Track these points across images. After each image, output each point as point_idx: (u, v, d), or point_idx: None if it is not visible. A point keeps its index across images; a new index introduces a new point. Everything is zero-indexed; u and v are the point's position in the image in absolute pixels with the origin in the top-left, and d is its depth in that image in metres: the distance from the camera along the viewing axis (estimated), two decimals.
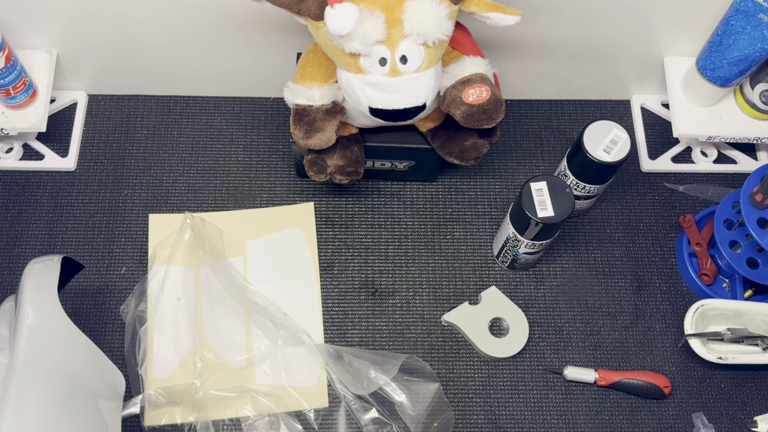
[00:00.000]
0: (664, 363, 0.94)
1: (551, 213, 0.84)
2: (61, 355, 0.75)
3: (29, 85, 0.95)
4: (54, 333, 0.76)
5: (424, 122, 0.91)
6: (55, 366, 0.74)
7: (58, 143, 1.02)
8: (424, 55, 0.77)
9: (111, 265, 0.96)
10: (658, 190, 1.03)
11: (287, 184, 1.01)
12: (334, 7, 0.73)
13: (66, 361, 0.75)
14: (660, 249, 1.00)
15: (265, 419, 0.88)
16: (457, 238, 0.99)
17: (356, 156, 0.91)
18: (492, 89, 0.82)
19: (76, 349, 0.77)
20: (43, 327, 0.75)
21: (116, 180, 1.01)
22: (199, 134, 1.04)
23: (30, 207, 0.99)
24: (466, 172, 1.03)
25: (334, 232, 0.99)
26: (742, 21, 0.88)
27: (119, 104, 1.05)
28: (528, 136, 1.06)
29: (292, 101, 0.85)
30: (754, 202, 0.88)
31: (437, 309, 0.96)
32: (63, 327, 0.76)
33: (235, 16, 0.92)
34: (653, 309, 0.97)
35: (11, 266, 0.95)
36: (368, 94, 0.80)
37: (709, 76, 0.95)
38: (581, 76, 1.04)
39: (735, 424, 0.91)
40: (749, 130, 0.98)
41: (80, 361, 0.77)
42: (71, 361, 0.76)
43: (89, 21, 0.93)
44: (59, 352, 0.75)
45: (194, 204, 1.00)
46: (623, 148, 0.86)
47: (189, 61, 1.00)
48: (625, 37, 0.97)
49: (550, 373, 0.93)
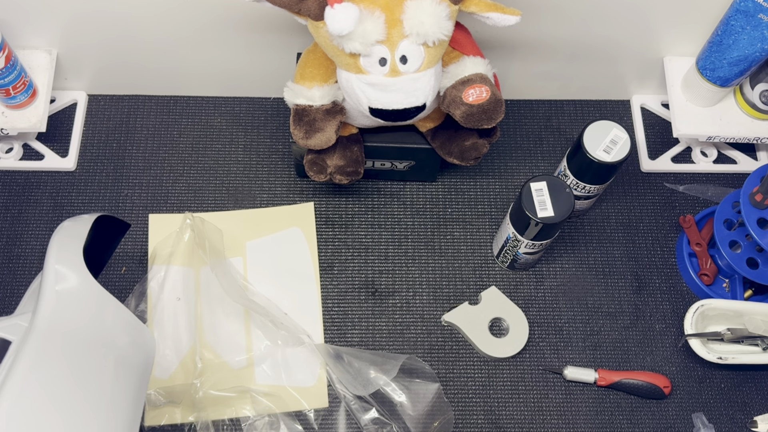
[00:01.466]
0: (664, 363, 0.94)
1: (551, 213, 0.84)
2: (88, 318, 0.69)
3: (29, 85, 0.95)
4: (79, 294, 0.69)
5: (424, 122, 0.91)
6: (79, 330, 0.67)
7: (58, 143, 1.02)
8: (424, 55, 0.77)
9: (111, 265, 0.96)
10: (658, 190, 1.03)
11: (287, 184, 1.01)
12: (334, 7, 0.73)
13: (93, 325, 0.69)
14: (660, 249, 1.00)
15: (265, 419, 0.88)
16: (457, 238, 0.99)
17: (356, 156, 0.91)
18: (492, 89, 0.82)
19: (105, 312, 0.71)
20: (67, 288, 0.69)
21: (116, 180, 1.01)
22: (199, 134, 1.04)
23: (30, 207, 0.99)
24: (466, 172, 1.03)
25: (334, 232, 0.99)
26: (742, 21, 0.88)
27: (119, 104, 1.05)
28: (528, 136, 1.06)
29: (292, 101, 0.85)
30: (754, 202, 0.88)
31: (437, 309, 0.96)
32: (88, 288, 0.70)
33: (235, 16, 0.92)
34: (653, 309, 0.97)
35: (11, 266, 0.95)
36: (368, 94, 0.80)
37: (709, 76, 0.95)
38: (581, 76, 1.04)
39: (735, 424, 0.91)
40: (749, 130, 0.98)
41: (110, 325, 0.71)
42: (98, 323, 0.70)
43: (89, 21, 0.93)
44: (86, 316, 0.69)
45: (194, 204, 1.00)
46: (623, 148, 0.86)
47: (189, 61, 1.00)
48: (625, 37, 0.97)
49: (550, 373, 0.93)
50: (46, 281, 0.69)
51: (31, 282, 0.94)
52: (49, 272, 0.69)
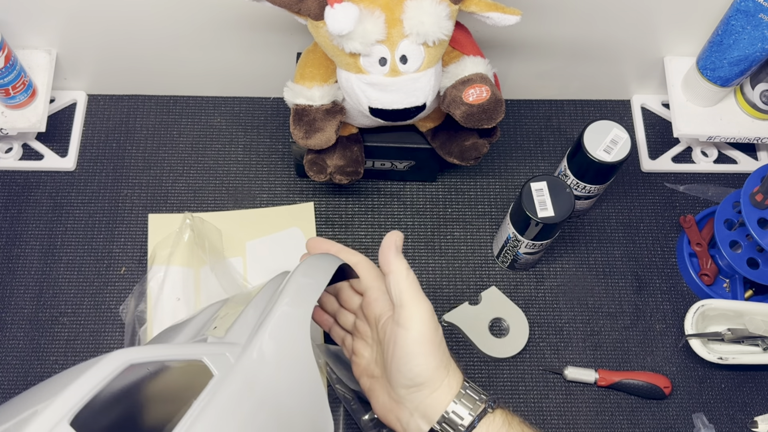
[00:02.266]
0: (665, 363, 0.94)
1: (551, 213, 0.84)
2: (288, 380, 0.62)
3: (29, 85, 0.95)
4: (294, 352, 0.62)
5: (424, 122, 0.91)
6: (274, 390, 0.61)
7: (57, 143, 1.02)
8: (424, 55, 0.77)
9: (110, 266, 0.96)
10: (659, 190, 1.03)
11: (287, 184, 1.01)
12: (334, 7, 0.73)
13: (288, 389, 0.62)
14: (660, 249, 1.00)
15: None
16: (457, 238, 0.99)
17: (356, 156, 0.91)
18: (492, 89, 0.82)
19: (303, 381, 0.63)
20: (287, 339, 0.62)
21: (116, 180, 1.01)
22: (199, 134, 1.04)
23: (29, 207, 0.98)
24: (466, 172, 1.03)
25: (334, 232, 0.99)
26: (742, 21, 0.88)
27: (119, 104, 1.05)
28: (528, 136, 1.06)
29: (292, 101, 0.85)
30: (754, 202, 0.88)
31: (437, 309, 0.95)
32: (304, 350, 0.63)
33: (235, 15, 0.92)
34: (653, 309, 0.97)
35: (11, 266, 0.95)
36: (368, 94, 0.80)
37: (709, 76, 0.95)
38: (581, 76, 1.04)
39: (735, 425, 0.91)
40: (749, 130, 0.98)
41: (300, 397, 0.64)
42: (293, 391, 0.63)
43: (89, 21, 0.93)
44: (288, 377, 0.62)
45: (194, 204, 1.00)
46: (623, 148, 0.86)
47: (189, 61, 1.00)
48: (625, 37, 0.97)
49: (550, 373, 0.93)
50: (270, 323, 0.62)
51: (30, 282, 0.94)
52: (277, 314, 0.63)
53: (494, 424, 0.65)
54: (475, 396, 0.66)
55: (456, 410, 0.65)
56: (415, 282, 0.67)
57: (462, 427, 0.64)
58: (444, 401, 0.65)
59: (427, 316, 0.66)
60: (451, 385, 0.66)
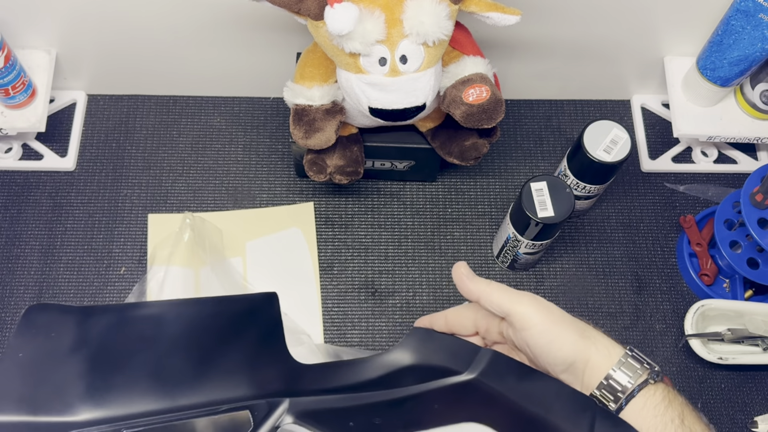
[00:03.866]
0: (665, 363, 0.94)
1: (551, 213, 0.84)
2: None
3: (28, 85, 0.95)
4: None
5: (424, 122, 0.91)
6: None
7: (57, 143, 1.02)
8: (424, 54, 0.77)
9: (110, 266, 0.96)
10: (659, 190, 1.03)
11: (287, 184, 1.01)
12: (334, 7, 0.73)
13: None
14: (660, 249, 1.00)
15: None
16: (457, 238, 0.99)
17: (356, 156, 0.91)
18: (492, 89, 0.82)
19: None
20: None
21: (115, 180, 1.01)
22: (199, 134, 1.04)
23: (29, 207, 0.98)
24: (466, 172, 1.03)
25: (334, 232, 0.99)
26: (742, 21, 0.88)
27: (118, 104, 1.05)
28: (528, 136, 1.06)
29: (292, 101, 0.85)
30: (754, 202, 0.88)
31: (437, 309, 0.95)
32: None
33: (235, 15, 0.92)
34: (653, 309, 0.97)
35: (10, 266, 0.95)
36: (368, 94, 0.80)
37: (709, 76, 0.95)
38: (581, 76, 1.04)
39: (735, 425, 0.91)
40: (749, 130, 0.98)
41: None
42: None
43: (88, 20, 0.93)
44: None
45: (194, 204, 1.00)
46: (623, 148, 0.86)
47: (188, 61, 1.00)
48: (625, 37, 0.97)
49: None
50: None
51: (30, 282, 0.94)
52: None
53: (654, 398, 0.63)
54: (636, 365, 0.64)
55: (616, 377, 0.64)
56: (500, 288, 0.66)
57: (621, 394, 0.63)
58: (603, 368, 0.64)
59: (533, 308, 0.64)
60: (610, 353, 0.64)
